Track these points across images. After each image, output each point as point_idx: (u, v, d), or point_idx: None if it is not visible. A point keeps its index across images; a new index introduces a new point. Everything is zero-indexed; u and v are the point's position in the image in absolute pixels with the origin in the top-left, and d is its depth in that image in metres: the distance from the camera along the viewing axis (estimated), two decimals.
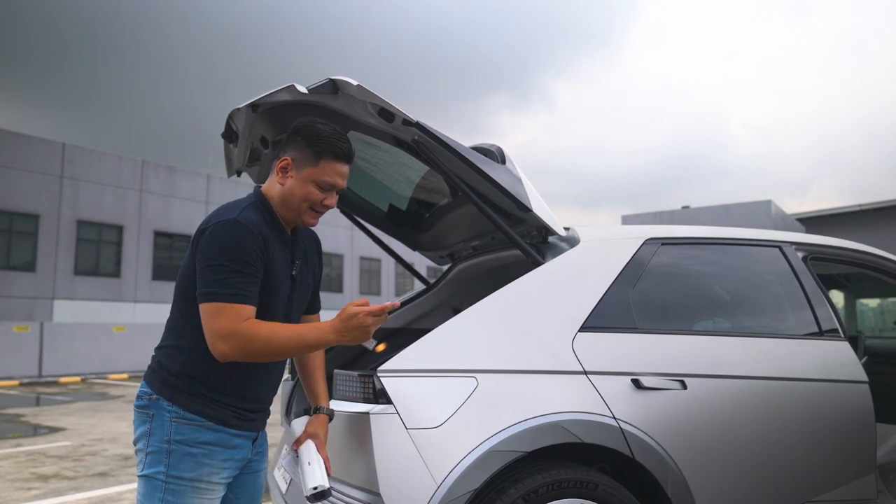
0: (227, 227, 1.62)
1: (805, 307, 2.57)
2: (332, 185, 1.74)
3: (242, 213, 1.65)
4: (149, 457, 1.63)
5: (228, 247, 1.59)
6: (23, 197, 18.34)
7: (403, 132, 2.16)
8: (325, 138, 1.72)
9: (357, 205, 3.17)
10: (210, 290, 1.58)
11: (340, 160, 1.74)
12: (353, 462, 1.95)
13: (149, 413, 1.65)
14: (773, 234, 2.77)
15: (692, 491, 2.12)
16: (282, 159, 1.75)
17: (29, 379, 14.06)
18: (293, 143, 1.75)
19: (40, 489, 4.76)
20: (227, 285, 1.58)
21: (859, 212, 28.00)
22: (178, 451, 1.61)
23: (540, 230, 2.45)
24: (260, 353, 1.59)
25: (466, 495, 1.87)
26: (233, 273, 1.58)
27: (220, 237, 1.61)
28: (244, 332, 1.57)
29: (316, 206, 1.75)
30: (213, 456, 1.64)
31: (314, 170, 1.72)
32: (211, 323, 1.58)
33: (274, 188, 1.76)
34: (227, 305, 1.57)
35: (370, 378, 1.96)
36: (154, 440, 1.62)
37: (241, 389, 1.69)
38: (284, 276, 1.74)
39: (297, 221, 1.78)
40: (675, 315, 2.45)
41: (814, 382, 2.40)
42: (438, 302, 3.40)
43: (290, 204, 1.74)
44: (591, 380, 2.09)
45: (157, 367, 1.69)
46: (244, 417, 1.71)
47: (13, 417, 8.66)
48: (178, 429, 1.62)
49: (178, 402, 1.63)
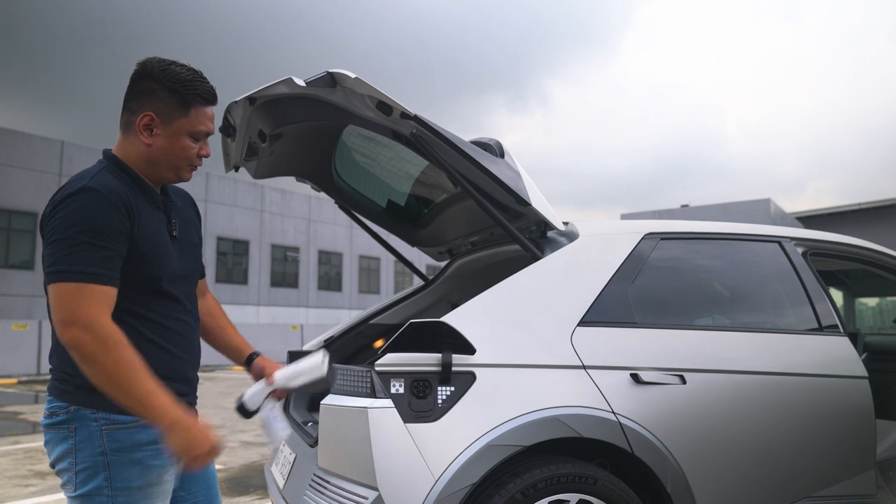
0: (80, 197, 1.37)
1: (805, 302, 2.57)
2: (207, 132, 1.54)
3: (94, 179, 1.41)
4: (80, 475, 1.41)
5: (80, 217, 1.35)
6: (21, 195, 18.31)
7: (402, 125, 2.14)
8: (189, 82, 1.48)
9: (355, 200, 3.16)
10: (61, 269, 1.34)
11: (210, 103, 1.53)
12: (350, 457, 1.94)
13: (70, 427, 1.42)
14: (772, 229, 2.76)
15: (691, 486, 2.11)
16: (143, 114, 1.47)
17: (27, 377, 14.04)
18: (149, 92, 1.47)
19: (38, 486, 4.75)
20: (82, 261, 1.34)
21: (858, 210, 28.01)
22: (119, 461, 1.42)
23: (539, 225, 2.44)
24: (101, 365, 1.32)
25: (464, 490, 1.87)
26: (88, 247, 1.35)
27: (69, 208, 1.36)
28: (107, 332, 1.33)
29: (193, 161, 1.54)
30: (159, 455, 1.45)
31: (186, 121, 1.49)
32: (66, 304, 1.33)
33: (134, 148, 1.50)
34: (86, 286, 1.34)
35: (368, 373, 1.95)
36: (83, 455, 1.41)
37: (164, 371, 1.47)
38: (163, 238, 1.52)
39: (171, 179, 1.56)
40: (675, 310, 2.44)
41: (813, 378, 2.39)
42: (437, 298, 3.39)
43: (163, 163, 1.51)
44: (589, 374, 2.08)
45: (63, 376, 1.45)
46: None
47: (11, 415, 8.65)
48: (111, 436, 1.42)
49: (106, 407, 1.40)
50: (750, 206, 24.54)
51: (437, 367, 1.92)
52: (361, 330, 3.24)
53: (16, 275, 18.20)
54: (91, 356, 1.33)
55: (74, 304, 1.33)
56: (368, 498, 1.86)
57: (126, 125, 1.52)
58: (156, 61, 1.50)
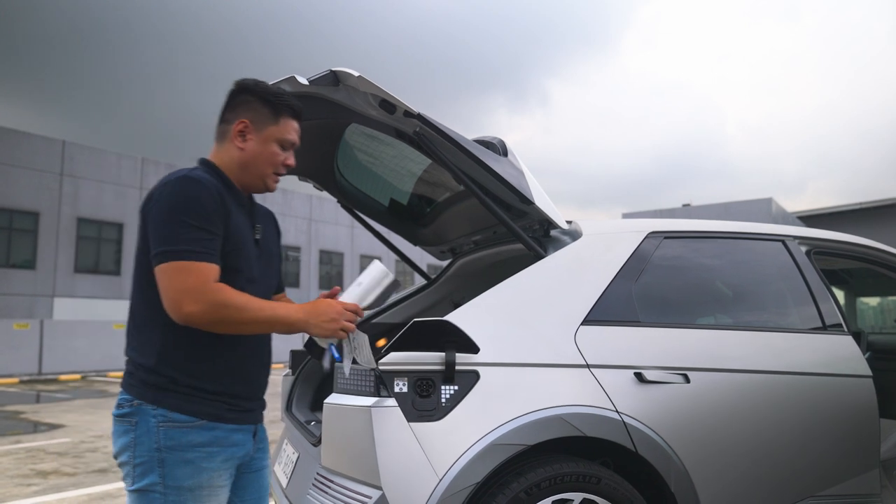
0: (179, 183, 1.47)
1: (809, 301, 2.56)
2: (292, 142, 1.66)
3: (192, 172, 1.52)
4: (137, 468, 1.46)
5: (184, 202, 1.45)
6: (23, 194, 18.32)
7: (405, 124, 2.14)
8: (281, 95, 1.64)
9: (358, 199, 3.15)
10: (168, 249, 1.42)
11: (297, 118, 1.67)
12: (354, 456, 1.93)
13: (132, 421, 1.47)
14: (776, 227, 2.75)
15: (695, 485, 2.10)
16: (239, 121, 1.61)
17: (29, 376, 14.05)
18: (244, 103, 1.62)
19: (40, 485, 4.75)
20: (188, 242, 1.43)
21: (859, 210, 27.98)
22: (172, 459, 1.46)
23: (542, 224, 2.44)
24: (230, 320, 1.44)
25: (468, 489, 1.86)
26: (192, 229, 1.44)
27: (173, 195, 1.46)
28: (217, 293, 1.43)
29: (278, 168, 1.65)
30: (212, 458, 1.50)
31: (276, 128, 1.63)
32: (174, 282, 1.41)
33: (227, 155, 1.62)
34: (192, 263, 1.42)
35: (371, 372, 1.94)
36: (141, 450, 1.46)
37: (230, 371, 1.55)
38: (248, 238, 1.60)
39: (259, 187, 1.66)
40: (678, 309, 2.43)
41: (817, 377, 2.38)
42: (440, 297, 3.39)
43: (253, 167, 1.62)
44: (593, 373, 2.07)
45: (132, 369, 1.52)
46: (239, 408, 1.57)
47: (13, 414, 8.65)
48: (167, 434, 1.46)
49: (164, 404, 1.47)
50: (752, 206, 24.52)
51: (441, 366, 1.92)
52: (364, 329, 3.23)
53: (17, 274, 18.20)
54: (214, 324, 1.44)
55: (182, 282, 1.41)
56: (372, 497, 1.86)
57: (221, 134, 1.65)
58: (251, 79, 1.66)
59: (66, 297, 19.11)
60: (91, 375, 14.84)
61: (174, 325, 1.46)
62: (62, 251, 19.07)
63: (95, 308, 19.44)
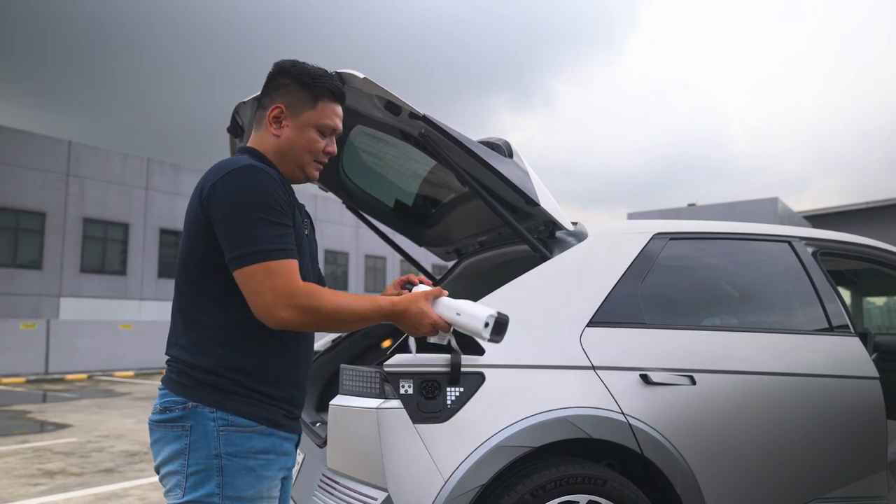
0: (244, 173, 1.36)
1: (815, 303, 2.55)
2: (333, 128, 1.54)
3: (251, 161, 1.41)
4: (191, 478, 1.32)
5: (255, 194, 1.34)
6: (29, 195, 18.39)
7: (410, 126, 2.14)
8: (319, 77, 1.51)
9: (363, 200, 3.15)
10: (250, 251, 1.32)
11: (338, 100, 1.55)
12: (360, 457, 1.94)
13: (185, 426, 1.34)
14: (782, 228, 2.74)
15: (701, 487, 2.10)
16: (274, 107, 1.50)
17: (35, 376, 14.10)
18: (281, 87, 1.51)
19: (47, 485, 4.77)
20: (269, 240, 1.33)
21: (865, 210, 27.83)
22: (233, 466, 1.34)
23: (547, 225, 2.44)
24: (326, 320, 1.36)
25: (474, 491, 1.86)
26: (270, 225, 1.34)
27: (240, 185, 1.34)
28: (310, 295, 1.34)
29: (319, 156, 1.53)
30: (271, 466, 1.40)
31: (313, 113, 1.51)
32: (264, 285, 1.31)
33: (264, 143, 1.52)
34: (276, 263, 1.32)
35: (377, 373, 1.94)
36: (197, 457, 1.33)
37: (287, 376, 1.46)
38: (301, 232, 1.50)
39: (298, 177, 1.55)
40: (684, 310, 2.43)
41: (824, 378, 2.37)
42: None
43: (291, 156, 1.51)
44: (599, 375, 2.07)
45: (184, 369, 1.39)
46: (291, 416, 1.49)
47: (20, 414, 8.69)
48: (228, 439, 1.34)
49: (225, 407, 1.35)
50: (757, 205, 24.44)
51: (447, 367, 1.92)
52: (368, 330, 3.23)
53: (24, 274, 18.28)
54: (309, 325, 1.36)
55: (272, 285, 1.32)
56: (378, 499, 1.86)
57: (258, 121, 1.55)
58: (289, 60, 1.54)
59: (73, 296, 19.18)
60: (97, 375, 14.89)
61: (236, 325, 1.38)
62: (68, 251, 19.14)
63: (101, 308, 19.51)
